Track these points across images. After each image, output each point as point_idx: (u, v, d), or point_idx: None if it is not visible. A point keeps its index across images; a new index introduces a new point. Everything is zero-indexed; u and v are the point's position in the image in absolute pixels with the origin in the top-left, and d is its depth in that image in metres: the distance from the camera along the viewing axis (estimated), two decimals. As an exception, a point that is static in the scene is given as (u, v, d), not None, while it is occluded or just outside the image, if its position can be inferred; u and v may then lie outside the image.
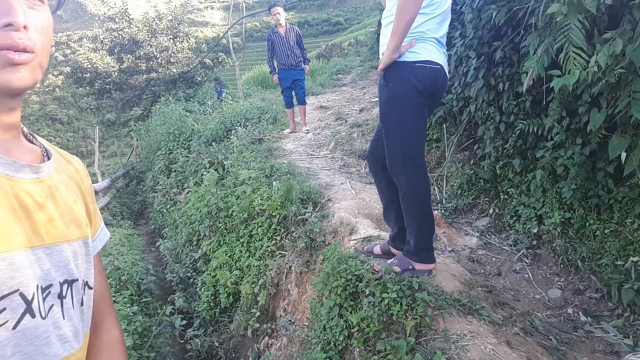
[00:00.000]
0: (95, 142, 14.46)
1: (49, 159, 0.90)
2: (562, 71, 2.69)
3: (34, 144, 0.91)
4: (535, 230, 3.53)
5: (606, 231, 3.08)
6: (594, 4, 2.36)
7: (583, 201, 3.27)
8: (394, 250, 2.81)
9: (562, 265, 3.29)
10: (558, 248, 3.32)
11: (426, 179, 2.51)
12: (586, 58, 2.56)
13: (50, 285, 0.80)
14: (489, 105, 4.05)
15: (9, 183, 0.77)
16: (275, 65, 7.45)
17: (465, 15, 4.04)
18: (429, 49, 2.36)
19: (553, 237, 3.39)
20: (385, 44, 2.39)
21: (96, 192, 9.71)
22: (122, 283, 4.88)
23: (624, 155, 2.68)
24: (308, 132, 7.36)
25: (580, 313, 2.83)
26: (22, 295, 0.74)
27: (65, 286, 0.84)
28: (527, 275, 3.29)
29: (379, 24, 9.95)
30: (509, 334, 2.29)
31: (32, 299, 0.75)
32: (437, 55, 2.38)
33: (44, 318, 0.77)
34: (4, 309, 0.71)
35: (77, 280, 0.88)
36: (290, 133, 7.48)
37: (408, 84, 2.34)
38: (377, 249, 2.94)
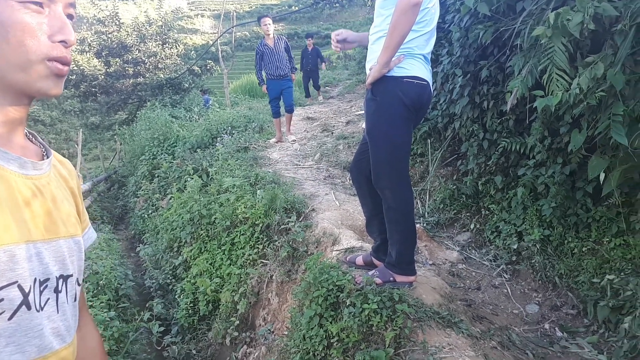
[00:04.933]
0: (78, 145, 14.27)
1: (47, 157, 0.92)
2: (545, 92, 2.75)
3: (34, 142, 0.94)
4: (515, 247, 3.58)
5: (584, 249, 3.15)
6: (578, 28, 2.43)
7: (562, 219, 3.34)
8: (376, 262, 2.83)
9: (540, 282, 3.34)
10: (537, 264, 3.37)
11: (410, 193, 2.54)
12: (569, 80, 2.63)
13: (47, 279, 0.82)
14: (473, 123, 4.12)
15: (12, 177, 0.79)
16: (264, 76, 7.50)
17: (453, 33, 4.12)
18: (416, 65, 2.40)
19: (532, 254, 3.44)
20: (373, 59, 2.43)
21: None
22: (100, 288, 4.80)
23: (602, 176, 2.74)
24: (294, 142, 7.38)
25: (556, 329, 2.87)
26: (20, 288, 0.75)
27: (61, 281, 0.86)
28: (505, 290, 3.33)
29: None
30: (486, 348, 2.31)
31: (29, 291, 0.77)
32: (424, 71, 2.42)
33: (39, 311, 0.79)
34: (2, 299, 0.73)
35: (71, 275, 0.89)
36: (277, 142, 7.48)
37: (396, 99, 2.37)
38: (359, 260, 2.95)
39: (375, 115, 2.43)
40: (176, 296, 5.02)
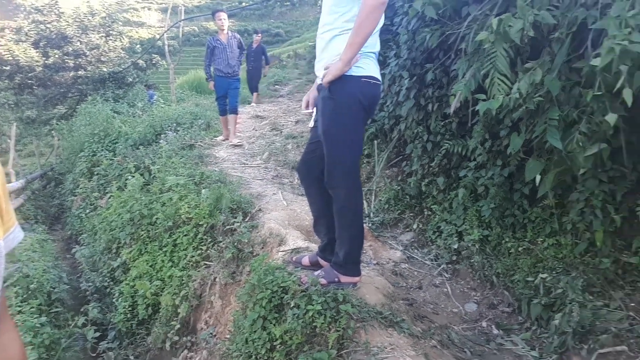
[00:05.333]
0: (10, 140, 13.48)
1: None
2: (487, 96, 2.83)
3: None
4: (455, 246, 3.67)
5: (520, 249, 3.26)
6: (518, 35, 2.51)
7: (500, 220, 3.45)
8: (322, 262, 2.81)
9: (478, 281, 3.43)
10: (476, 264, 3.47)
11: (361, 193, 2.55)
12: (509, 85, 2.71)
13: None
14: (418, 125, 4.19)
15: None
16: (212, 71, 7.24)
17: (401, 36, 4.17)
18: (371, 64, 2.41)
19: (472, 253, 3.54)
20: (327, 58, 2.40)
21: (9, 193, 9.03)
22: (30, 292, 4.52)
23: (538, 178, 2.85)
24: (240, 144, 7.04)
25: (493, 326, 2.95)
26: None
27: None
28: (446, 290, 3.41)
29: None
30: (427, 347, 2.34)
31: None
32: (377, 70, 2.44)
33: None
34: None
35: None
36: (224, 140, 7.28)
37: (353, 98, 2.35)
38: (305, 260, 2.92)
39: (333, 114, 2.39)
40: (114, 300, 4.81)
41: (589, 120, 2.47)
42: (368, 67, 2.38)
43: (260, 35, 11.86)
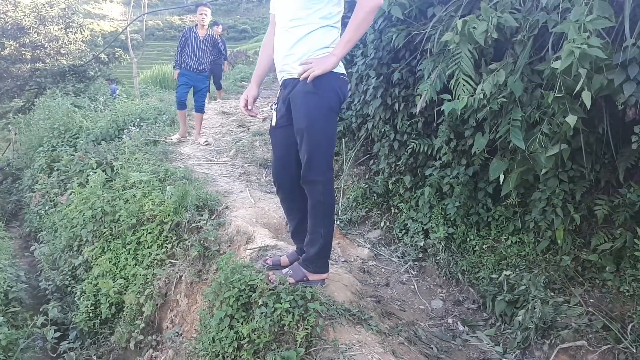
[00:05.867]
0: (-37, 133, 12.90)
1: None
2: (452, 96, 2.88)
3: None
4: (421, 244, 3.73)
5: (484, 246, 3.34)
6: (482, 36, 2.57)
7: (465, 218, 3.53)
8: None
9: (444, 278, 3.50)
10: (442, 261, 3.54)
11: (334, 188, 2.57)
12: (474, 85, 2.77)
13: None
14: (385, 124, 4.23)
15: None
16: (182, 62, 6.79)
17: (368, 35, 4.19)
18: (342, 61, 2.44)
19: (437, 251, 3.60)
20: (298, 53, 2.38)
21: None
22: (-15, 291, 4.36)
23: (502, 177, 2.93)
24: (208, 143, 6.78)
25: (459, 323, 3.02)
26: None
27: None
28: (413, 287, 3.46)
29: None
30: (394, 344, 2.37)
31: None
32: (344, 67, 2.47)
33: None
34: None
35: None
36: (180, 140, 6.80)
37: (334, 94, 2.40)
38: (284, 260, 2.84)
39: (316, 110, 2.38)
40: (75, 299, 4.67)
41: (550, 122, 2.55)
42: (340, 65, 2.42)
43: (219, 26, 10.79)
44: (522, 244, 3.17)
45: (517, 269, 3.03)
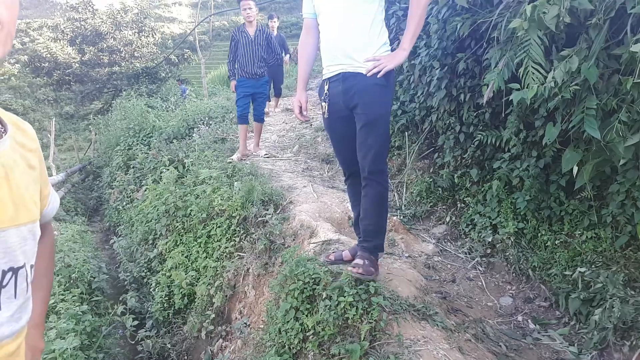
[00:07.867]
0: (51, 135, 13.96)
1: (5, 133, 0.85)
2: (521, 85, 2.76)
3: None
4: (489, 239, 3.61)
5: (556, 242, 3.19)
6: (554, 21, 2.44)
7: (536, 212, 3.38)
8: None
9: (514, 274, 3.37)
10: (511, 257, 3.41)
11: None
12: (544, 73, 2.64)
13: None
14: (450, 116, 4.13)
15: None
16: (237, 69, 5.92)
17: (431, 25, 4.10)
18: None
19: (506, 247, 3.48)
20: (361, 46, 2.39)
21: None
22: (72, 281, 4.70)
23: (575, 169, 2.77)
24: (268, 156, 6.12)
25: (529, 321, 2.91)
26: None
27: (9, 274, 0.80)
28: (480, 283, 3.36)
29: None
30: (461, 340, 2.33)
31: None
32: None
33: None
34: None
35: (22, 267, 0.84)
36: (240, 159, 5.84)
37: (394, 86, 2.55)
38: (347, 255, 2.82)
39: (383, 101, 2.47)
40: (151, 289, 4.94)
41: (629, 109, 2.38)
42: None
43: (276, 19, 8.71)
44: (598, 239, 2.99)
45: (593, 266, 2.87)
